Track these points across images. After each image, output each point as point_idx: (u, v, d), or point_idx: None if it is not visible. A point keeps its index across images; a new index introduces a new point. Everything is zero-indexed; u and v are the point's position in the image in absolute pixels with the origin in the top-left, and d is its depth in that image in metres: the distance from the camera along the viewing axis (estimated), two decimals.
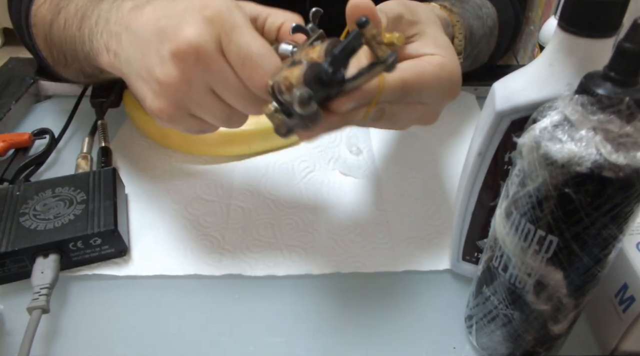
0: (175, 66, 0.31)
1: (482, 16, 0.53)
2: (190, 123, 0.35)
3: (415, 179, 0.51)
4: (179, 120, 0.34)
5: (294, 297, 0.40)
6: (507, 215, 0.30)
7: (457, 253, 0.40)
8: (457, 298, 0.40)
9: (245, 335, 0.38)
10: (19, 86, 0.61)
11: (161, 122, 0.34)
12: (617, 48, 0.24)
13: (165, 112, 0.33)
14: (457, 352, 0.37)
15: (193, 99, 0.32)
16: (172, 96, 0.32)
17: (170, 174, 0.51)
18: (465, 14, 0.49)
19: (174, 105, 0.33)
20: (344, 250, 0.44)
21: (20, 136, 0.53)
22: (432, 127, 0.58)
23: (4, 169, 0.49)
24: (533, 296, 0.30)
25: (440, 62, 0.34)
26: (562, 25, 0.28)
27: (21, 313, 0.36)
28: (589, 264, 0.28)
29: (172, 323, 0.38)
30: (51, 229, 0.40)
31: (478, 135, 0.34)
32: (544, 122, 0.26)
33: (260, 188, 0.49)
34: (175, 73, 0.31)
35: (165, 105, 0.33)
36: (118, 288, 0.41)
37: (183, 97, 0.32)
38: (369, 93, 0.31)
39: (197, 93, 0.32)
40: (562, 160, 0.25)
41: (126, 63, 0.35)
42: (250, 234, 0.45)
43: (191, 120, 0.34)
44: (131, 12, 0.35)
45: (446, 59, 0.34)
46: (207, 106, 0.33)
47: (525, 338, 0.33)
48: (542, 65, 0.30)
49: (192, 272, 0.42)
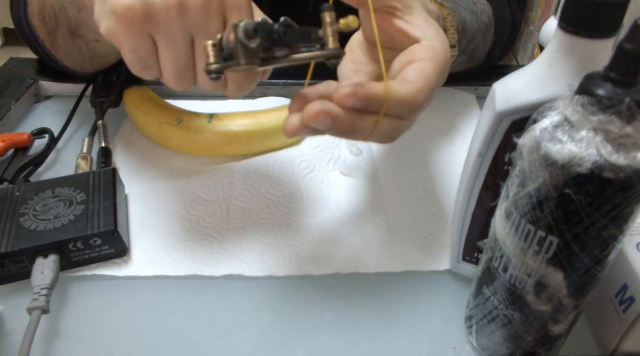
0: None
1: (476, 11, 0.53)
2: (140, 43, 0.32)
3: (415, 179, 0.51)
4: (134, 31, 0.31)
5: (293, 297, 0.40)
6: (507, 215, 0.30)
7: (457, 253, 0.40)
8: (457, 298, 0.40)
9: (245, 335, 0.38)
10: (18, 86, 0.61)
11: (115, 26, 0.31)
12: (617, 48, 0.24)
13: (129, 12, 0.30)
14: (457, 352, 0.37)
15: (168, 31, 0.31)
16: (147, 8, 0.30)
17: (170, 174, 0.51)
18: (457, 8, 0.49)
19: (143, 16, 0.30)
20: (344, 250, 0.44)
21: (19, 136, 0.53)
22: (432, 127, 0.58)
23: (4, 169, 0.49)
24: (533, 297, 0.30)
25: (436, 52, 0.33)
26: (562, 25, 0.28)
27: (21, 314, 0.36)
28: (589, 265, 0.28)
29: (172, 323, 0.38)
30: (51, 229, 0.40)
31: (478, 136, 0.34)
32: (544, 123, 0.26)
33: (260, 188, 0.49)
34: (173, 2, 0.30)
35: (133, 6, 0.30)
36: (118, 289, 0.41)
37: (159, 20, 0.30)
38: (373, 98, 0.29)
39: (177, 30, 0.31)
40: (562, 160, 0.25)
41: None
42: (250, 234, 0.45)
43: (144, 41, 0.32)
44: None
45: (437, 43, 0.33)
46: (176, 46, 0.31)
47: (525, 339, 0.33)
48: (542, 65, 0.30)
49: (192, 272, 0.42)
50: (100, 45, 0.50)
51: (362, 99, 0.29)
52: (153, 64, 0.33)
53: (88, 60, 0.54)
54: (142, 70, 0.33)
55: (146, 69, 0.33)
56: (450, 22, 0.46)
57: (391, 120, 0.31)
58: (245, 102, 0.60)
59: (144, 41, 0.32)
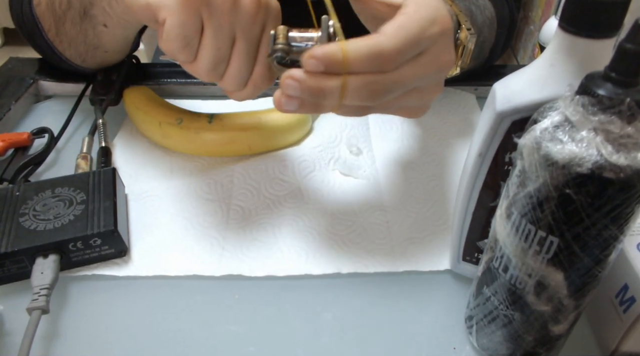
0: None
1: (479, 5, 0.52)
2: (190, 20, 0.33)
3: (415, 179, 0.51)
4: (191, 7, 0.32)
5: (294, 297, 0.40)
6: (507, 215, 0.30)
7: (457, 253, 0.40)
8: (457, 298, 0.40)
9: (245, 336, 0.38)
10: (18, 86, 0.61)
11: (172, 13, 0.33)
12: (618, 48, 0.24)
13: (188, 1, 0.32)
14: (458, 353, 0.37)
15: (220, 20, 0.33)
16: None
17: (170, 174, 0.51)
18: (462, 1, 0.49)
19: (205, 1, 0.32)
20: (344, 250, 0.44)
21: (19, 135, 0.53)
22: (432, 127, 0.58)
23: (4, 169, 0.49)
24: (533, 297, 0.30)
25: (410, 6, 0.32)
26: (563, 25, 0.28)
27: (21, 314, 0.36)
28: (589, 265, 0.28)
29: (172, 323, 0.38)
30: (51, 229, 0.40)
31: (478, 136, 0.34)
32: (545, 123, 0.26)
33: (260, 188, 0.49)
34: None
35: None
36: (118, 289, 0.41)
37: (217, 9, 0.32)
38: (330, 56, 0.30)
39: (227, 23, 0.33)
40: (562, 160, 0.25)
41: None
42: (250, 234, 0.45)
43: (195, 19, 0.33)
44: None
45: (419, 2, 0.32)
46: (221, 36, 0.33)
47: (526, 339, 0.33)
48: (542, 65, 0.30)
49: (192, 272, 0.42)
50: (107, 32, 0.50)
51: (321, 59, 0.29)
52: (194, 45, 0.34)
53: (91, 51, 0.54)
54: (182, 48, 0.34)
55: (186, 48, 0.34)
56: (457, 7, 0.45)
57: (365, 77, 0.31)
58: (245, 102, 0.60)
59: (195, 19, 0.33)
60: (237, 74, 0.36)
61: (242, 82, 0.37)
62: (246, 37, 0.34)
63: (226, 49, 0.34)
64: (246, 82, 0.37)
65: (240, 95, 0.38)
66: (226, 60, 0.35)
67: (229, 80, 0.36)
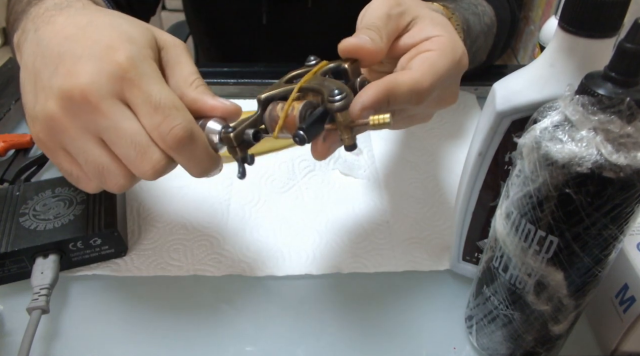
0: (59, 104, 0.29)
1: (478, 13, 0.53)
2: (60, 158, 0.32)
3: (415, 179, 0.51)
4: (51, 150, 0.31)
5: (294, 297, 0.40)
6: (507, 215, 0.30)
7: (457, 253, 0.40)
8: (457, 298, 0.40)
9: (245, 335, 0.38)
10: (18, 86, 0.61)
11: (37, 144, 0.32)
12: (617, 48, 0.24)
13: (39, 135, 0.31)
14: (458, 352, 0.37)
15: (69, 137, 0.30)
16: (48, 126, 0.30)
17: (170, 174, 0.51)
18: (460, 10, 0.49)
19: (49, 134, 0.30)
20: (344, 250, 0.44)
21: (21, 137, 0.53)
22: (432, 127, 0.58)
23: (4, 170, 0.49)
24: (533, 297, 0.30)
25: (442, 42, 0.32)
26: (563, 25, 0.28)
27: (21, 314, 0.36)
28: (589, 264, 0.28)
29: (172, 323, 0.38)
30: (51, 229, 0.40)
31: (478, 135, 0.34)
32: (545, 123, 0.26)
33: (260, 188, 0.49)
34: (56, 110, 0.29)
35: (40, 130, 0.30)
36: (118, 289, 0.41)
37: (59, 131, 0.30)
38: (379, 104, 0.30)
39: (75, 133, 0.30)
40: (562, 160, 0.25)
41: (24, 69, 0.32)
42: (250, 234, 0.45)
43: (62, 156, 0.31)
44: (46, 12, 0.33)
45: (446, 36, 0.33)
46: (82, 148, 0.30)
47: (526, 339, 0.33)
48: (542, 65, 0.30)
49: (192, 273, 0.42)
50: None
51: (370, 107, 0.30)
52: (77, 174, 0.32)
53: None
54: (69, 177, 0.33)
55: (71, 176, 0.32)
56: (456, 21, 0.46)
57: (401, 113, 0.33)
58: (245, 102, 0.60)
59: (58, 154, 0.31)
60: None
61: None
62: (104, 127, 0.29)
63: (94, 152, 0.30)
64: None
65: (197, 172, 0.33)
66: (109, 162, 0.30)
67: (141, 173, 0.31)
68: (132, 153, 0.29)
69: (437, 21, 0.34)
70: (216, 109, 0.32)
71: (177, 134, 0.29)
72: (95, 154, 0.30)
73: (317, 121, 0.29)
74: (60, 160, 0.32)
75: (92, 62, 0.29)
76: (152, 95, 0.29)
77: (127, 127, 0.29)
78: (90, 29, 0.30)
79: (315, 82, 0.31)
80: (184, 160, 0.31)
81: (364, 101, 0.29)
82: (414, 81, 0.31)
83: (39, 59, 0.31)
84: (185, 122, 0.30)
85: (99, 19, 0.31)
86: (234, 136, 0.31)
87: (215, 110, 0.32)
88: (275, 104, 0.31)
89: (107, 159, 0.30)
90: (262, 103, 0.32)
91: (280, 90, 0.31)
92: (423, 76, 0.31)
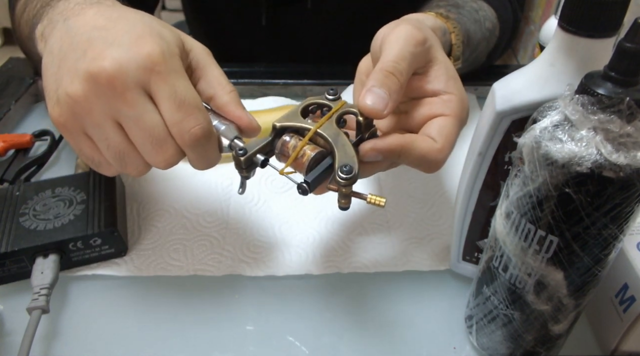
0: (83, 86, 0.29)
1: (479, 19, 0.53)
2: (82, 143, 0.32)
3: (415, 179, 0.51)
4: (72, 134, 0.32)
5: (294, 297, 0.40)
6: (507, 215, 0.30)
7: (457, 253, 0.40)
8: (457, 298, 0.40)
9: (245, 335, 0.38)
10: (18, 86, 0.61)
11: (57, 128, 0.32)
12: (617, 48, 0.24)
13: (60, 118, 0.31)
14: (458, 352, 0.37)
15: (92, 121, 0.30)
16: (71, 109, 0.30)
17: (170, 174, 0.51)
18: (462, 19, 0.49)
19: (71, 117, 0.31)
20: (344, 250, 0.44)
21: (21, 137, 0.53)
22: None
23: (4, 170, 0.49)
24: (533, 297, 0.30)
25: (456, 106, 0.34)
26: (563, 25, 0.28)
27: (21, 314, 0.36)
28: (589, 264, 0.28)
29: (172, 323, 0.38)
30: (51, 229, 0.40)
31: (478, 135, 0.34)
32: (545, 122, 0.26)
33: (260, 188, 0.49)
34: (80, 92, 0.29)
35: (62, 112, 0.31)
36: (118, 288, 0.41)
37: (82, 114, 0.30)
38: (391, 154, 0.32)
39: (98, 118, 0.30)
40: (562, 160, 0.25)
41: (49, 54, 0.33)
42: (250, 234, 0.45)
43: (84, 140, 0.32)
44: (77, 6, 0.33)
45: (457, 95, 0.34)
46: (104, 134, 0.31)
47: (526, 338, 0.33)
48: (542, 65, 0.30)
49: (192, 272, 0.42)
50: None
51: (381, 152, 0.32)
52: (98, 158, 0.32)
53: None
54: (90, 162, 0.33)
55: (93, 161, 0.33)
56: (457, 35, 0.46)
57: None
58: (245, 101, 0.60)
59: (79, 138, 0.32)
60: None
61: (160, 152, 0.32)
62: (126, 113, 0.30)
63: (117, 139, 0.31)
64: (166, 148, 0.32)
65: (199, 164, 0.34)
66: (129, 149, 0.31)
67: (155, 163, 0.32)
68: (149, 144, 0.30)
69: (451, 74, 0.35)
70: (241, 121, 0.34)
71: (196, 133, 0.30)
72: (116, 141, 0.31)
73: (321, 174, 0.32)
74: (82, 146, 0.32)
75: (123, 49, 0.29)
76: (177, 92, 0.30)
77: (148, 119, 0.30)
78: (121, 21, 0.31)
79: (329, 131, 0.32)
80: (195, 156, 0.32)
81: (377, 145, 0.32)
82: (433, 152, 0.33)
83: (66, 44, 0.31)
84: (205, 122, 0.31)
85: (130, 14, 0.32)
86: (244, 160, 0.32)
87: (240, 121, 0.34)
88: (288, 139, 0.33)
89: (129, 146, 0.31)
90: (277, 131, 0.34)
91: (296, 124, 0.33)
92: (441, 150, 0.33)
